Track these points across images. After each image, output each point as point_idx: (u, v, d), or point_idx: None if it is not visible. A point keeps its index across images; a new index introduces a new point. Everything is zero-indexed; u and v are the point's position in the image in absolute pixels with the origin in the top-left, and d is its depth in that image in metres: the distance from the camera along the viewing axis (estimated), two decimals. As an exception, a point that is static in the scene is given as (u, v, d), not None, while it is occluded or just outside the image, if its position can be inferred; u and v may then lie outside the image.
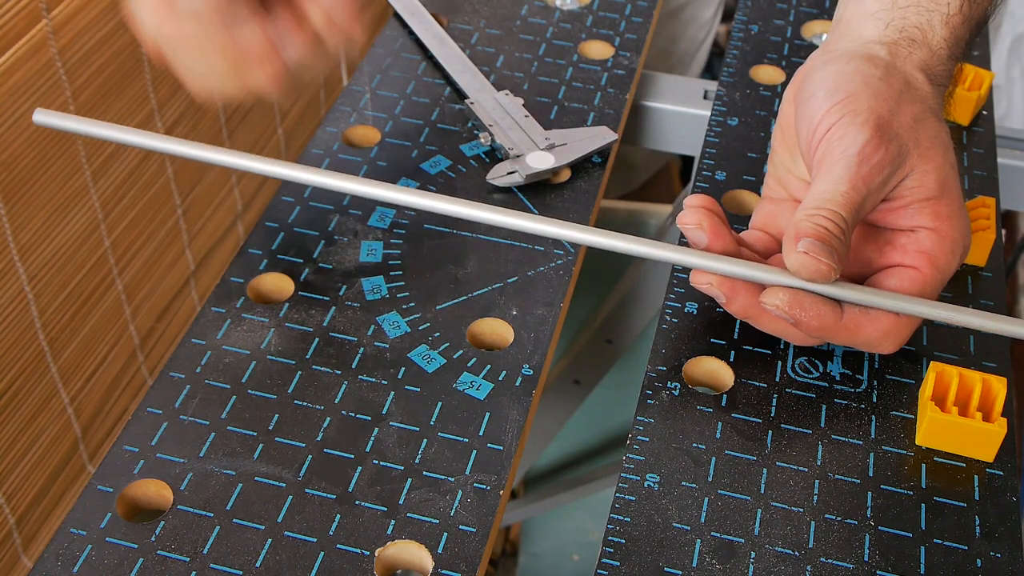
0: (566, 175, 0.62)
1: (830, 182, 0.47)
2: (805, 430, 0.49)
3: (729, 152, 0.64)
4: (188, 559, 0.43)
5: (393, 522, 0.44)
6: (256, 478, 0.46)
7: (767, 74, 0.70)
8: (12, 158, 0.60)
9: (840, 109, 0.48)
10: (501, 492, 0.46)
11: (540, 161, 0.61)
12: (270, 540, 0.44)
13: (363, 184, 0.51)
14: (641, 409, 0.50)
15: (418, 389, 0.50)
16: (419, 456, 0.47)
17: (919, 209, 0.48)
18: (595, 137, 0.63)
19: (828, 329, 0.47)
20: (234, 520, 0.44)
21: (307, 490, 0.45)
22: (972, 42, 0.54)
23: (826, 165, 0.47)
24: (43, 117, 0.52)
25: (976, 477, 0.47)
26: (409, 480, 0.46)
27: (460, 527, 0.44)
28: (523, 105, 0.65)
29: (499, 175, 0.60)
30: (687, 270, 0.56)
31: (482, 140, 0.63)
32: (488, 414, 0.49)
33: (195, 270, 0.84)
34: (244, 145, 0.88)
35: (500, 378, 0.50)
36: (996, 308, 0.55)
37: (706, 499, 0.46)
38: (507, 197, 0.60)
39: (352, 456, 0.47)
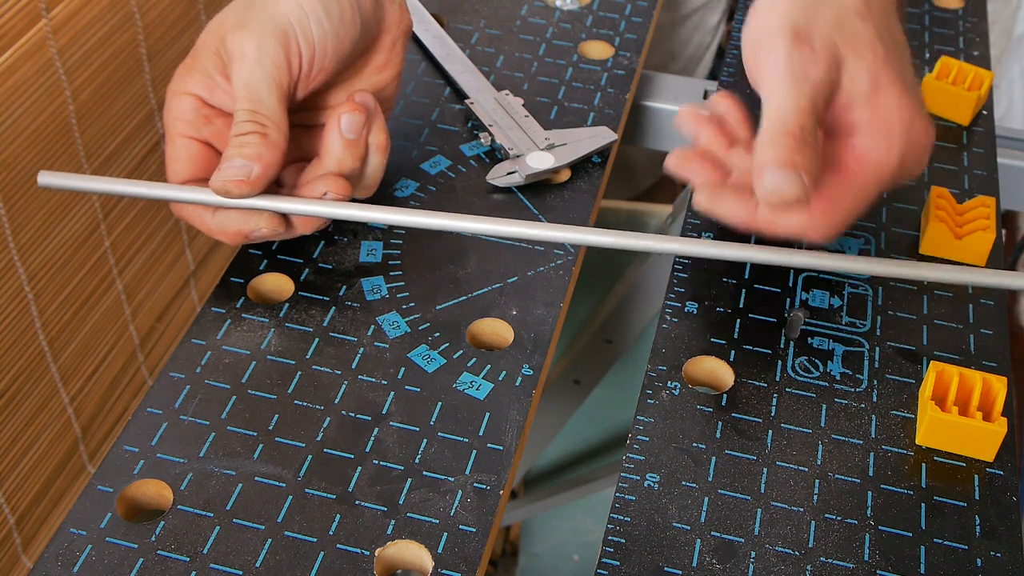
0: (566, 175, 0.62)
1: (775, 96, 0.48)
2: (805, 430, 0.49)
3: (729, 152, 0.64)
4: (188, 559, 0.43)
5: (393, 522, 0.44)
6: (256, 478, 0.46)
7: (767, 74, 0.70)
8: (12, 158, 0.60)
9: (759, 28, 0.51)
10: (501, 492, 0.46)
11: (540, 161, 0.61)
12: (270, 540, 0.44)
13: (357, 209, 0.52)
14: (641, 409, 0.50)
15: (418, 389, 0.50)
16: (419, 456, 0.47)
17: (854, 106, 0.50)
18: (595, 137, 0.63)
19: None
20: (234, 520, 0.44)
21: (307, 490, 0.45)
22: None
23: (764, 83, 0.50)
24: (48, 179, 0.53)
25: (976, 477, 0.47)
26: (409, 480, 0.46)
27: (460, 527, 0.44)
28: (523, 105, 0.65)
29: (499, 175, 0.60)
30: (687, 270, 0.56)
31: (482, 140, 0.63)
32: (488, 414, 0.49)
33: (195, 270, 0.84)
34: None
35: (500, 378, 0.50)
36: (996, 308, 0.55)
37: (706, 499, 0.46)
38: (507, 197, 0.60)
39: (352, 456, 0.47)
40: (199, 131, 0.54)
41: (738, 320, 0.54)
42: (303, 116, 0.56)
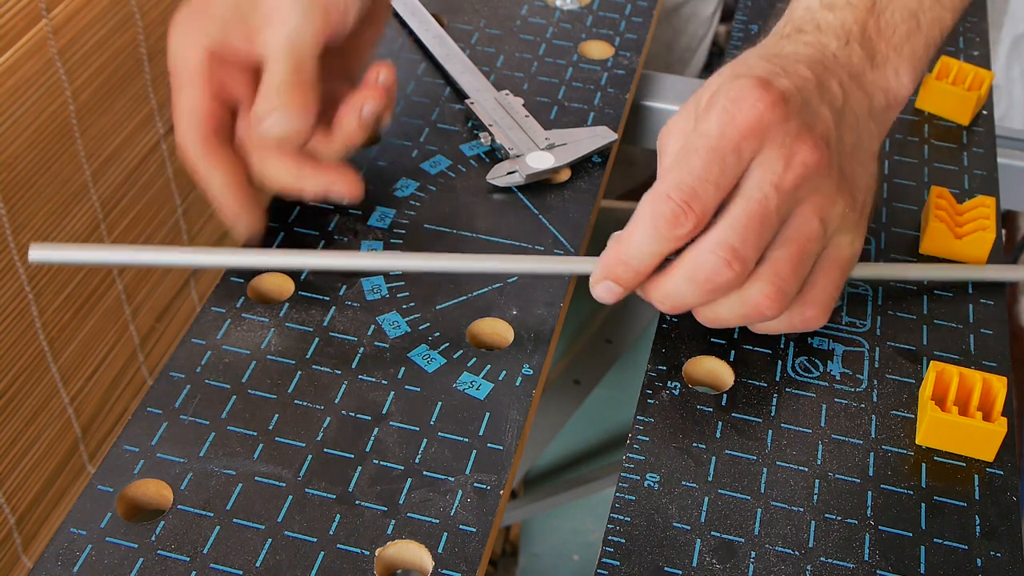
0: (566, 175, 0.62)
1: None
2: (805, 430, 0.49)
3: (729, 152, 0.63)
4: (188, 559, 0.43)
5: (393, 522, 0.44)
6: (256, 478, 0.46)
7: (767, 74, 0.70)
8: (12, 158, 0.60)
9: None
10: (501, 492, 0.46)
11: (540, 161, 0.61)
12: (270, 540, 0.44)
13: (328, 257, 0.53)
14: (641, 409, 0.50)
15: (418, 389, 0.50)
16: (419, 456, 0.47)
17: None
18: (595, 137, 0.63)
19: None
20: (234, 520, 0.44)
21: (307, 490, 0.45)
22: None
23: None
24: (39, 254, 0.49)
25: (976, 477, 0.47)
26: (409, 480, 0.46)
27: (460, 527, 0.44)
28: (523, 105, 0.65)
29: (499, 175, 0.60)
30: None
31: (482, 140, 0.63)
32: (488, 414, 0.49)
33: (195, 270, 0.84)
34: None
35: (500, 378, 0.50)
36: (996, 308, 0.55)
37: (706, 499, 0.46)
38: (507, 197, 0.60)
39: (352, 456, 0.47)
40: (212, 83, 0.53)
41: (738, 320, 0.54)
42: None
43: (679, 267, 0.47)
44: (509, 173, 0.60)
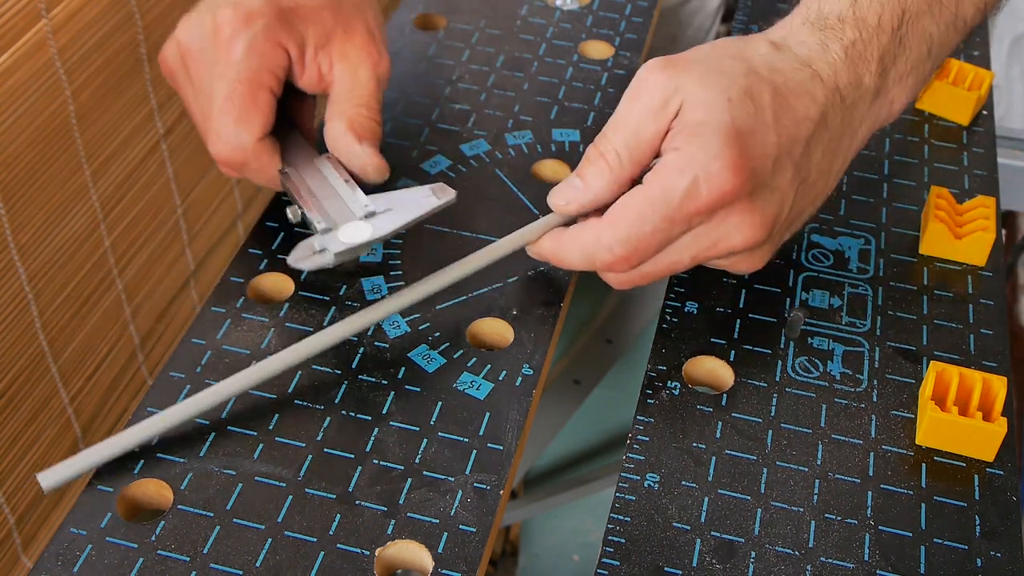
0: (565, 174, 0.62)
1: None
2: (805, 430, 0.49)
3: (729, 152, 0.63)
4: (188, 559, 0.43)
5: (393, 522, 0.44)
6: (256, 478, 0.46)
7: (767, 74, 0.70)
8: (12, 158, 0.60)
9: None
10: (501, 492, 0.46)
11: (354, 234, 0.51)
12: (270, 540, 0.44)
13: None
14: (641, 409, 0.50)
15: (418, 389, 0.50)
16: (419, 456, 0.47)
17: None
18: (427, 199, 0.53)
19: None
20: (234, 520, 0.44)
21: (307, 490, 0.45)
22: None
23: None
24: (50, 480, 0.45)
25: (976, 477, 0.47)
26: (409, 480, 0.46)
27: (460, 527, 0.44)
28: (345, 170, 0.55)
29: (303, 256, 0.50)
30: (688, 270, 0.56)
31: (290, 216, 0.55)
32: (488, 414, 0.49)
33: (195, 270, 0.84)
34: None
35: (500, 378, 0.50)
36: (996, 308, 0.55)
37: (706, 499, 0.46)
38: (506, 196, 0.60)
39: (352, 456, 0.47)
40: (277, 90, 0.54)
41: (738, 320, 0.54)
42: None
43: (578, 244, 0.50)
44: (317, 252, 0.50)
